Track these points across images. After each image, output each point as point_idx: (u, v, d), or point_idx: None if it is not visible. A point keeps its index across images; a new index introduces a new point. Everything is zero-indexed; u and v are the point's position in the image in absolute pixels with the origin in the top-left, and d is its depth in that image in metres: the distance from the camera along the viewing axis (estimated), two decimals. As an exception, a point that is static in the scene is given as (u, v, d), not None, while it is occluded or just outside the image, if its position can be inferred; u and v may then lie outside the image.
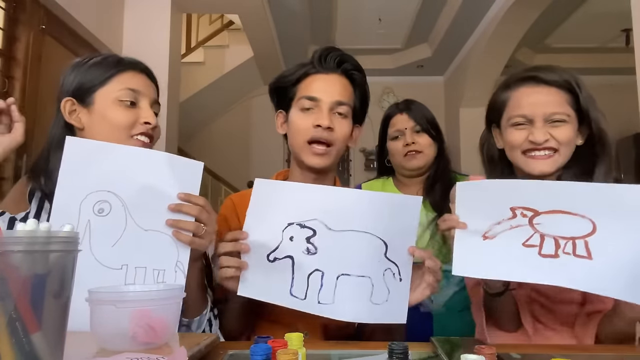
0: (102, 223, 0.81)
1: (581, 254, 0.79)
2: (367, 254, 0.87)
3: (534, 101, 1.00)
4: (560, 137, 0.98)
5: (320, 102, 1.03)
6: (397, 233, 0.88)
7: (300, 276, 0.87)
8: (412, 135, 1.52)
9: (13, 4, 2.24)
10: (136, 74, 0.99)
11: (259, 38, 4.47)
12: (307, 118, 1.03)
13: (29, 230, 0.51)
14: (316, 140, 1.03)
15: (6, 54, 2.22)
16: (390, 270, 0.88)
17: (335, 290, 0.87)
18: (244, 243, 0.87)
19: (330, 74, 1.07)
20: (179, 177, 0.85)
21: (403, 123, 1.54)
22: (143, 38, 3.15)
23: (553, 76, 1.01)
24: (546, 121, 0.99)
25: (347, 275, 0.87)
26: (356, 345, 0.92)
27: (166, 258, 0.84)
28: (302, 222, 0.87)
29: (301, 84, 1.07)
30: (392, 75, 5.72)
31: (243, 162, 5.82)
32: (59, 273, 0.52)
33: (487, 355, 0.62)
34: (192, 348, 0.65)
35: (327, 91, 1.04)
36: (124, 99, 0.95)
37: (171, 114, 3.20)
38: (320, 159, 1.03)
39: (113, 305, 0.65)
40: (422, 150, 1.51)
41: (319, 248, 0.87)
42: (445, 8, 4.30)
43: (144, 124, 0.96)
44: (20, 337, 0.48)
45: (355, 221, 0.87)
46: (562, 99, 1.00)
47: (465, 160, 4.89)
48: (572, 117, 0.99)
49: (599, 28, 4.57)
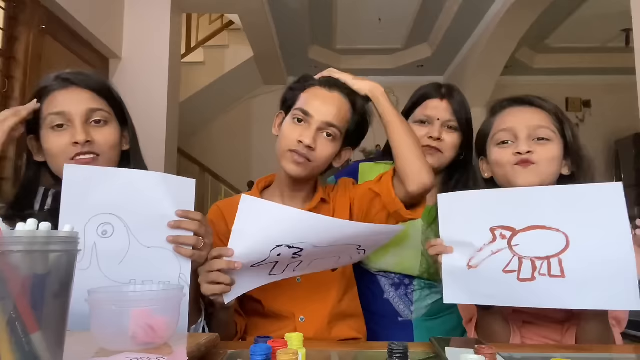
0: (107, 244, 0.85)
1: (556, 274, 0.85)
2: (342, 252, 0.98)
3: (518, 117, 1.01)
4: (543, 153, 0.97)
5: (311, 119, 1.04)
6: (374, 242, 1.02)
7: (280, 265, 0.93)
8: (441, 130, 1.27)
9: (13, 4, 2.24)
10: (61, 93, 0.96)
11: (259, 38, 4.47)
12: (295, 130, 1.05)
13: (29, 230, 0.51)
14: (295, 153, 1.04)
15: (6, 54, 2.22)
16: (357, 250, 1.00)
17: (309, 265, 0.97)
18: (237, 262, 0.87)
19: (334, 92, 1.07)
20: (174, 195, 0.89)
21: (439, 111, 1.29)
22: (143, 38, 3.15)
23: (539, 100, 1.02)
24: (530, 136, 0.98)
25: (321, 259, 0.96)
26: (356, 345, 0.92)
27: (169, 272, 0.88)
28: (291, 244, 0.88)
29: (304, 94, 1.08)
30: (392, 75, 5.71)
31: (243, 162, 5.82)
32: (59, 273, 0.52)
33: (487, 355, 0.62)
34: (192, 348, 0.65)
35: (322, 109, 1.05)
36: (53, 124, 0.94)
37: (171, 114, 3.19)
38: (297, 168, 1.04)
39: (113, 305, 0.65)
40: (444, 150, 1.28)
41: (303, 257, 0.92)
42: (445, 8, 4.30)
43: (74, 145, 0.92)
44: (20, 337, 0.48)
45: (338, 240, 0.92)
46: (547, 118, 1.00)
47: (465, 160, 4.89)
48: (557, 137, 0.98)
49: (599, 28, 4.57)
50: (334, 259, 1.00)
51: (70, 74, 0.99)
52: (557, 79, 5.53)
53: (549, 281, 0.85)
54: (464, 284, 0.92)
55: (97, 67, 2.96)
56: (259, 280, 0.95)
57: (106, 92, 1.00)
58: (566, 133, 1.00)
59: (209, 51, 5.12)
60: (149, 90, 3.04)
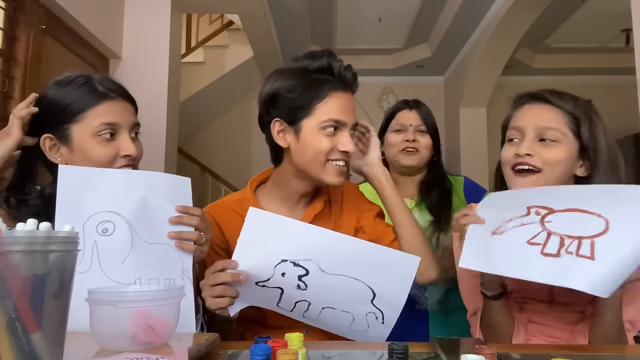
0: (108, 242, 0.84)
1: (584, 254, 0.78)
2: (353, 297, 0.89)
3: (529, 116, 0.99)
4: (547, 156, 0.94)
5: (344, 126, 1.02)
6: (390, 285, 0.89)
7: (288, 301, 0.91)
8: (415, 133, 1.54)
9: (13, 4, 2.23)
10: (112, 104, 0.97)
11: (259, 38, 4.46)
12: (330, 140, 1.01)
13: (29, 230, 0.51)
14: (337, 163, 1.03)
15: (6, 54, 2.22)
16: (374, 314, 0.90)
17: (319, 316, 0.92)
18: (242, 273, 0.87)
19: (348, 92, 1.05)
20: (171, 193, 0.90)
21: (409, 119, 1.56)
22: (143, 38, 3.15)
23: (555, 97, 0.99)
24: (537, 137, 0.96)
25: (331, 308, 0.91)
26: (356, 345, 0.92)
27: (173, 267, 0.88)
28: (296, 261, 0.86)
29: (325, 102, 1.01)
30: (392, 75, 5.71)
31: (243, 162, 5.81)
32: (59, 273, 0.52)
33: (487, 355, 0.62)
34: (192, 348, 0.65)
35: (350, 113, 1.03)
36: (103, 134, 0.94)
37: (171, 114, 3.19)
38: (342, 177, 1.04)
39: (113, 305, 0.65)
40: (420, 150, 1.53)
41: (309, 286, 0.88)
42: (445, 8, 4.30)
43: (124, 157, 0.96)
44: (20, 337, 0.48)
45: (348, 267, 0.87)
46: (559, 117, 0.96)
47: (465, 160, 4.89)
48: (568, 138, 0.95)
49: (599, 28, 4.56)
50: (346, 315, 0.91)
51: (116, 85, 1.00)
52: (557, 79, 5.52)
53: (574, 260, 0.78)
54: (483, 250, 0.86)
55: (97, 67, 2.96)
56: (266, 302, 0.92)
57: (136, 107, 1.04)
58: (582, 133, 0.95)
59: (209, 51, 5.12)
60: (149, 90, 3.04)
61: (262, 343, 0.63)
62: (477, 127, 4.89)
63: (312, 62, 1.03)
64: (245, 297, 0.91)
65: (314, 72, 1.03)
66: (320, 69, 1.03)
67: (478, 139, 4.86)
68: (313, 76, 1.02)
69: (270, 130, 1.06)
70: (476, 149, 4.83)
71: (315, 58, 1.03)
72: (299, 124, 1.02)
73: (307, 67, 1.03)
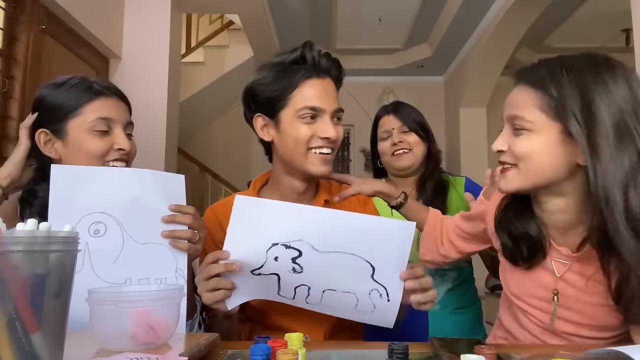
0: (99, 243, 0.84)
1: None
2: (352, 275, 0.85)
3: (507, 103, 0.84)
4: (516, 148, 0.80)
5: (323, 112, 1.01)
6: (388, 257, 0.85)
7: (287, 287, 0.88)
8: (400, 135, 1.55)
9: (13, 4, 2.23)
10: (107, 100, 1.00)
11: (259, 38, 4.46)
12: (309, 128, 1.00)
13: (29, 230, 0.51)
14: (320, 151, 1.01)
15: (6, 54, 2.22)
16: (377, 291, 0.87)
17: (321, 300, 0.89)
18: (235, 263, 0.85)
19: (325, 78, 1.04)
20: (165, 191, 0.89)
21: (391, 123, 1.57)
22: (143, 38, 3.15)
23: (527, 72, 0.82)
24: (512, 127, 0.82)
25: (332, 290, 0.88)
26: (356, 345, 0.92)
27: (166, 267, 0.88)
28: (287, 243, 0.84)
29: (297, 91, 1.01)
30: (392, 75, 5.71)
31: (243, 162, 5.81)
32: (59, 273, 0.52)
33: (487, 355, 0.62)
34: (192, 348, 0.65)
35: (328, 99, 1.02)
36: (98, 128, 0.98)
37: (171, 114, 3.19)
38: (326, 166, 1.03)
39: (113, 305, 0.65)
40: (410, 148, 1.54)
41: (304, 267, 0.85)
42: (445, 8, 4.30)
43: (117, 151, 0.99)
44: (20, 337, 0.48)
45: (341, 243, 0.84)
46: (531, 99, 0.79)
47: (465, 160, 4.89)
48: (546, 123, 0.77)
49: (599, 28, 4.56)
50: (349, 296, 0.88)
51: (110, 84, 1.04)
52: (557, 79, 5.50)
53: None
54: None
55: (97, 67, 2.96)
56: (266, 292, 0.90)
57: (130, 107, 1.07)
58: (568, 110, 0.74)
59: (209, 51, 5.12)
60: (149, 90, 3.04)
61: (262, 343, 0.62)
62: (477, 127, 4.89)
63: (289, 55, 1.05)
64: (245, 290, 0.89)
65: (289, 64, 1.04)
66: (295, 60, 1.04)
67: (478, 139, 4.85)
68: (286, 67, 1.04)
69: (254, 127, 1.07)
70: (476, 149, 4.82)
71: (292, 51, 1.06)
72: (278, 115, 1.03)
73: (284, 60, 1.05)
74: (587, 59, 0.79)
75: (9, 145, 2.16)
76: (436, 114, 1.63)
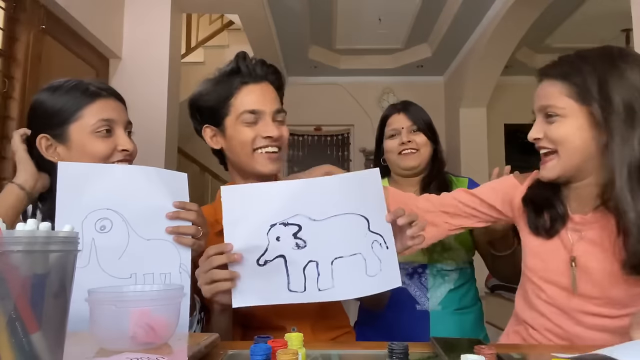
0: (105, 239, 0.86)
1: None
2: (353, 233, 0.89)
3: (536, 96, 0.95)
4: (553, 134, 0.89)
5: (263, 114, 1.06)
6: (372, 205, 0.89)
7: (296, 271, 0.88)
8: (409, 134, 1.54)
9: (13, 4, 2.23)
10: (106, 102, 1.02)
11: (259, 38, 4.46)
12: (251, 130, 1.06)
13: (29, 230, 0.51)
14: (265, 150, 1.06)
15: (6, 54, 2.22)
16: (377, 242, 0.89)
17: (332, 275, 0.89)
18: (236, 253, 0.86)
19: (261, 82, 1.09)
20: (168, 188, 0.91)
21: (400, 122, 1.56)
22: (143, 38, 3.15)
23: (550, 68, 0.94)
24: (544, 117, 0.91)
25: (340, 257, 0.89)
26: (356, 345, 0.92)
27: (170, 262, 0.90)
28: (285, 221, 0.87)
29: (237, 98, 1.07)
30: (392, 75, 5.71)
31: (243, 162, 5.81)
32: (59, 273, 0.52)
33: (487, 355, 0.62)
34: (192, 348, 0.65)
35: (266, 102, 1.07)
36: (100, 131, 0.99)
37: (171, 114, 3.19)
38: (275, 164, 1.08)
39: (113, 305, 0.65)
40: (418, 148, 1.54)
41: (307, 241, 0.88)
42: (445, 8, 4.30)
43: (121, 152, 1.01)
44: (20, 337, 0.48)
45: (334, 206, 0.88)
46: (559, 89, 0.90)
47: (465, 160, 4.89)
48: (575, 108, 0.87)
49: (599, 28, 4.56)
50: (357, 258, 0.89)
51: (106, 85, 1.06)
52: (557, 79, 5.51)
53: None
54: None
55: (97, 67, 2.96)
56: (277, 290, 0.88)
57: (126, 107, 1.08)
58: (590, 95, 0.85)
59: (209, 51, 5.12)
60: (149, 90, 3.04)
61: (262, 343, 0.63)
62: (477, 127, 4.89)
63: (226, 67, 1.11)
64: (253, 290, 0.88)
65: (227, 75, 1.10)
66: (232, 71, 1.10)
67: (478, 139, 4.85)
68: (224, 77, 1.09)
69: (205, 138, 1.13)
70: (476, 149, 4.83)
71: (228, 64, 1.11)
72: (223, 123, 1.09)
73: (222, 72, 1.11)
74: (603, 50, 0.92)
75: (9, 145, 2.17)
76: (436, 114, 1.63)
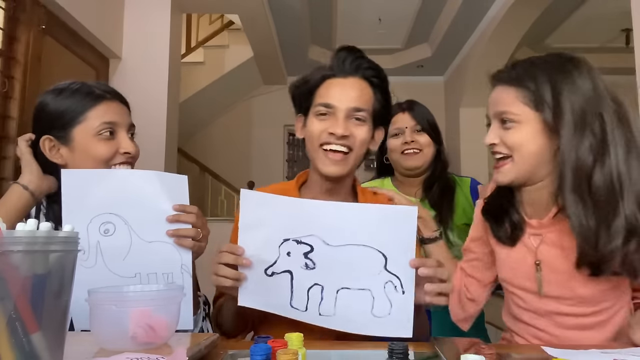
0: (110, 242, 0.90)
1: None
2: (366, 267, 0.84)
3: (491, 101, 0.93)
4: (509, 140, 0.88)
5: (336, 110, 1.01)
6: (396, 245, 0.84)
7: (300, 289, 0.87)
8: (412, 134, 1.53)
9: (13, 4, 2.23)
10: (110, 104, 1.02)
11: (259, 38, 4.47)
12: (321, 124, 1.02)
13: (29, 231, 0.51)
14: (330, 147, 1.01)
15: (6, 54, 2.22)
16: (391, 283, 0.84)
17: (335, 303, 0.86)
18: (245, 258, 0.87)
19: (349, 77, 1.04)
20: (169, 191, 0.93)
21: (404, 122, 1.55)
22: (143, 38, 3.15)
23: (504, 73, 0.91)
24: (500, 122, 0.89)
25: (347, 288, 0.86)
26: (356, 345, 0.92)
27: (172, 263, 0.92)
28: (299, 239, 0.85)
29: (319, 90, 1.04)
30: (392, 75, 5.59)
31: (243, 162, 5.81)
32: (59, 273, 0.52)
33: (487, 355, 0.62)
34: (192, 348, 0.65)
35: (343, 98, 1.02)
36: (104, 133, 1.00)
37: (171, 114, 3.19)
38: (336, 167, 1.02)
39: (113, 305, 0.65)
40: (421, 149, 1.53)
41: (317, 263, 0.86)
42: (445, 8, 4.30)
43: (124, 154, 1.02)
44: (20, 337, 0.48)
45: (352, 235, 0.84)
46: (514, 94, 0.88)
47: (465, 160, 4.89)
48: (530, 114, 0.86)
49: (599, 28, 4.56)
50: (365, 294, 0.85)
51: (110, 87, 1.07)
52: (557, 79, 5.50)
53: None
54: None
55: (97, 67, 2.96)
56: (279, 302, 0.88)
57: (129, 109, 1.09)
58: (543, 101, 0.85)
59: (209, 51, 5.12)
60: (149, 90, 3.04)
61: (262, 343, 0.63)
62: (477, 127, 4.88)
63: None
64: (258, 293, 0.89)
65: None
66: None
67: (478, 139, 4.79)
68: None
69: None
70: (476, 149, 4.82)
71: None
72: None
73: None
74: (556, 57, 0.89)
75: (8, 145, 2.17)
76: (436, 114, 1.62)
